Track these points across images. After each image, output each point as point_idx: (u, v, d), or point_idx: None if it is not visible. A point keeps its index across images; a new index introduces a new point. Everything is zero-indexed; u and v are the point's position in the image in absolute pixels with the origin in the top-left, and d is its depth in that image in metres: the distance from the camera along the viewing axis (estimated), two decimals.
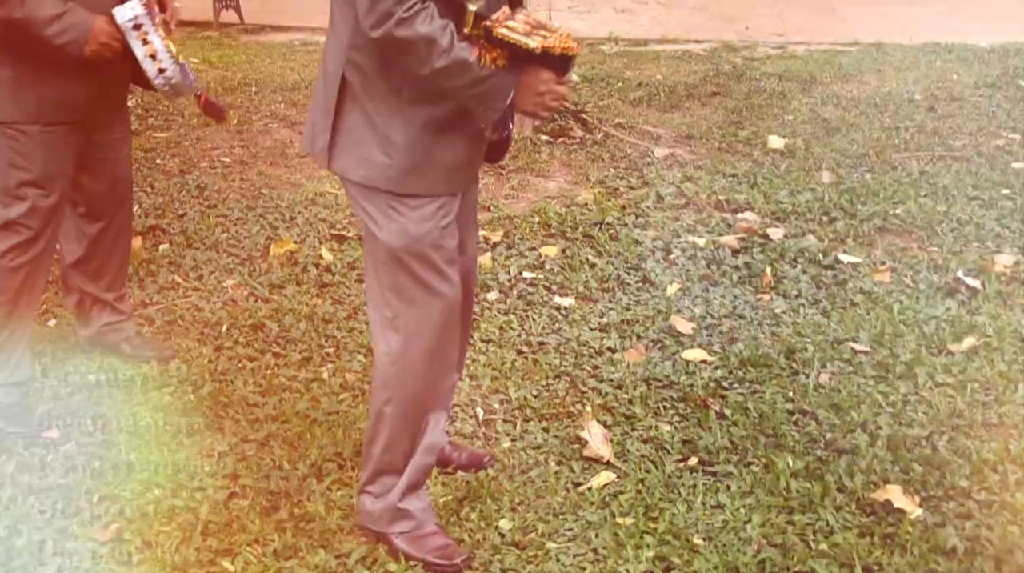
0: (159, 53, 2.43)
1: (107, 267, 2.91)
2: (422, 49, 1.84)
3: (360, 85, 2.00)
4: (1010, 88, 6.45)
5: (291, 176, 4.84)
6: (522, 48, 1.85)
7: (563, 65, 1.91)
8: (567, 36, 1.90)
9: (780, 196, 4.45)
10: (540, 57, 1.87)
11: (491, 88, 1.90)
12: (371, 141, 2.01)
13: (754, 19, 10.66)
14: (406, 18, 1.82)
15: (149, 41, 2.41)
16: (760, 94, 6.55)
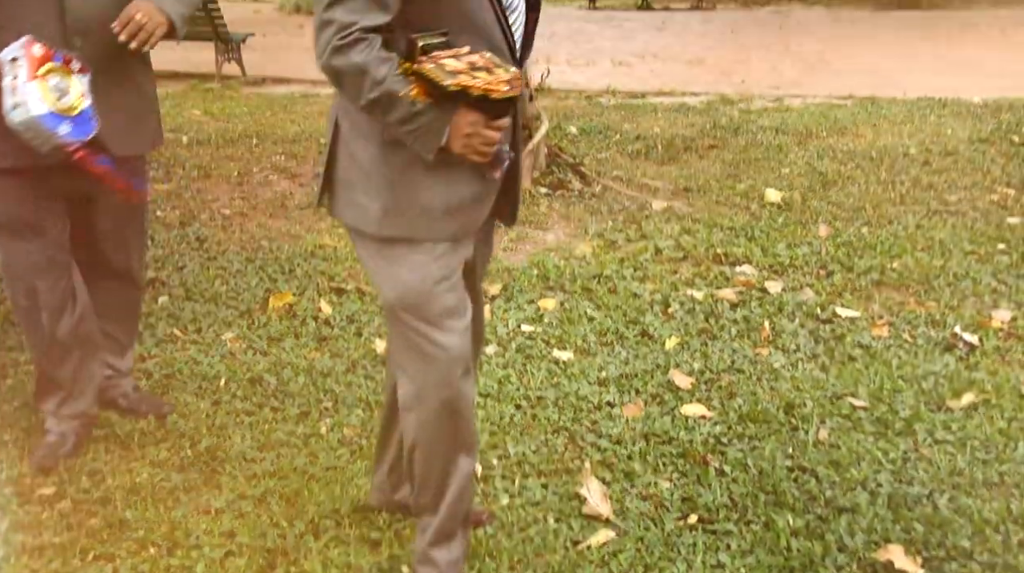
0: (19, 90, 2.32)
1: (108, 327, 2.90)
2: (355, 79, 1.79)
3: (348, 127, 1.97)
4: (1003, 143, 6.52)
5: (291, 228, 4.86)
6: (438, 85, 1.76)
7: (490, 108, 1.80)
8: (501, 79, 1.78)
9: (778, 249, 4.47)
10: (464, 97, 1.77)
11: (423, 125, 1.82)
12: (358, 184, 1.97)
13: (750, 72, 10.81)
14: (341, 46, 1.77)
15: (16, 77, 2.32)
16: (757, 147, 6.61)
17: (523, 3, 1.96)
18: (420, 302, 1.98)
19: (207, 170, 5.93)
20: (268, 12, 18.89)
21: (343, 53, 1.77)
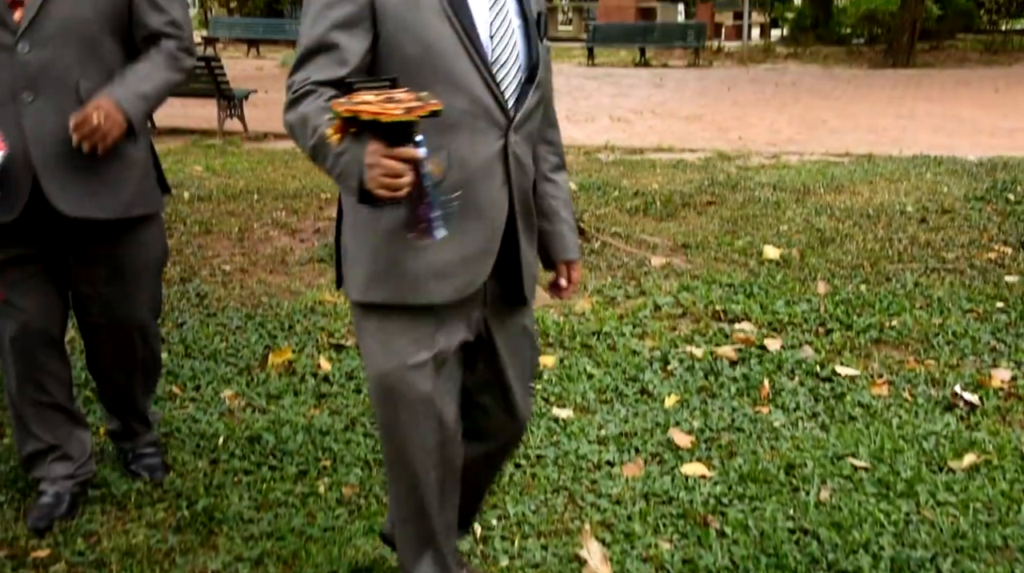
0: None
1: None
2: (299, 129, 1.77)
3: (346, 197, 1.94)
4: (999, 202, 6.57)
5: (291, 284, 4.87)
6: (335, 115, 1.64)
7: (386, 134, 1.61)
8: (403, 105, 1.61)
9: (776, 306, 4.47)
10: (369, 128, 1.62)
11: (343, 166, 1.70)
12: (350, 252, 1.95)
13: (747, 129, 10.91)
14: (293, 100, 1.78)
15: None
16: (755, 203, 6.65)
17: (521, 60, 1.90)
18: (393, 384, 1.91)
19: (208, 226, 5.97)
20: (270, 69, 19.11)
21: (294, 107, 1.79)
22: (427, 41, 1.80)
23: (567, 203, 2.15)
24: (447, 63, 1.81)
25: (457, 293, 1.90)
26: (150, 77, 2.46)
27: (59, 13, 2.35)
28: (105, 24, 2.43)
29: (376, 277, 1.90)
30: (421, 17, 1.80)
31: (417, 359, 1.90)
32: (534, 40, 1.93)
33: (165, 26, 2.50)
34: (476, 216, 1.88)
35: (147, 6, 2.48)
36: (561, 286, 2.18)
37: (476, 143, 1.85)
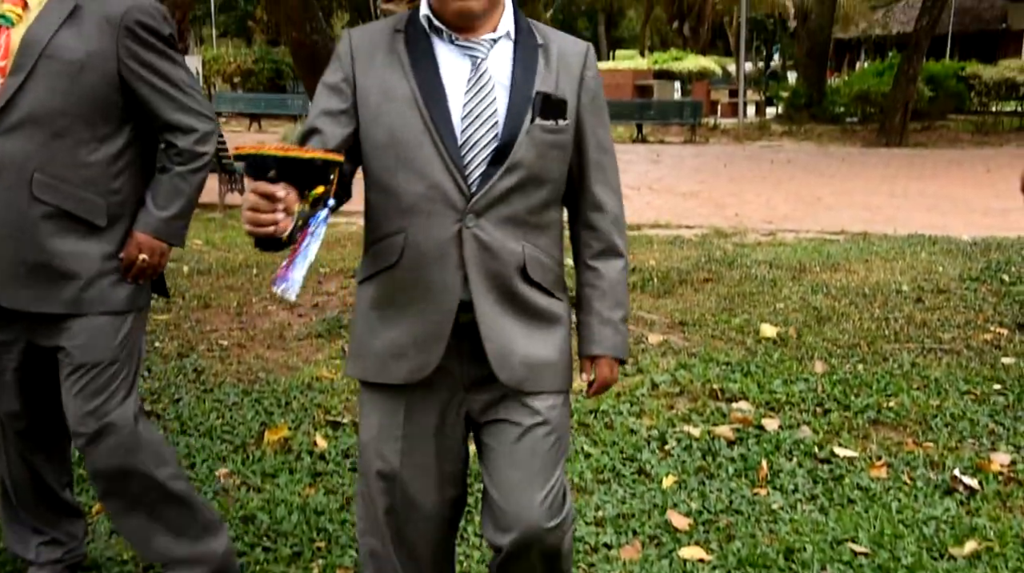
0: None
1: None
2: None
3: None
4: (994, 282, 6.61)
5: (288, 359, 4.87)
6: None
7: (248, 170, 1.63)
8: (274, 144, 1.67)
9: (774, 385, 4.47)
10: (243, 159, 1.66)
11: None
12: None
13: (743, 205, 11.02)
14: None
15: None
16: (751, 281, 6.69)
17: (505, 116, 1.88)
18: (364, 455, 2.03)
19: (207, 300, 5.98)
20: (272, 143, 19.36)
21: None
22: (393, 129, 1.88)
23: (606, 294, 2.02)
24: (410, 151, 1.87)
25: (411, 374, 1.94)
26: (175, 194, 2.42)
27: (29, 104, 2.25)
28: (79, 116, 2.30)
29: (353, 354, 2.03)
30: (392, 107, 1.88)
31: (385, 434, 1.99)
32: (516, 121, 1.87)
33: (175, 114, 2.39)
34: (427, 299, 1.91)
35: (154, 95, 2.37)
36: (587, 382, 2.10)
37: (431, 226, 1.88)
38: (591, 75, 1.97)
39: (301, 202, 1.64)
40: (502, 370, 1.92)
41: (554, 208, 1.99)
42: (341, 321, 5.52)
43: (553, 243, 2.00)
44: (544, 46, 1.94)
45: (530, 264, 1.93)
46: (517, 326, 1.94)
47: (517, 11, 1.96)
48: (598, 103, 2.00)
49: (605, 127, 2.01)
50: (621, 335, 2.04)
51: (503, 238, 1.90)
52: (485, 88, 1.88)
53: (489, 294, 1.91)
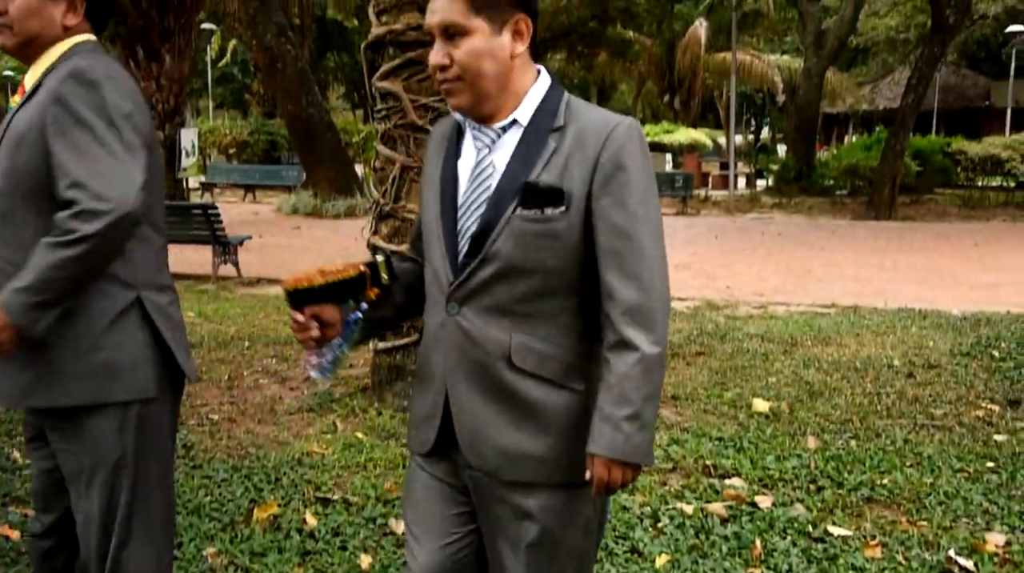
0: None
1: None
2: None
3: None
4: (984, 358, 6.63)
5: (279, 434, 4.84)
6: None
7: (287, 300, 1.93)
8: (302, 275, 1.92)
9: (767, 461, 4.45)
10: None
11: None
12: None
13: (735, 277, 11.08)
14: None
15: None
16: (743, 354, 6.70)
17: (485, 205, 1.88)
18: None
19: (198, 374, 5.94)
20: (266, 214, 19.48)
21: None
22: (425, 214, 2.00)
23: (611, 388, 1.81)
24: (430, 236, 1.97)
25: (420, 446, 2.04)
26: (34, 266, 2.07)
27: None
28: (19, 195, 2.18)
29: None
30: (427, 194, 2.00)
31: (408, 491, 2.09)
32: (497, 211, 1.86)
33: (67, 191, 2.09)
34: (428, 378, 1.99)
35: (57, 168, 2.12)
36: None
37: (432, 310, 1.96)
38: (608, 156, 1.82)
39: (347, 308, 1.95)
40: (473, 456, 1.92)
41: (559, 296, 1.88)
42: (332, 395, 5.50)
43: (561, 331, 1.89)
44: (562, 129, 1.86)
45: (518, 353, 1.88)
46: (499, 414, 1.90)
47: (551, 95, 1.91)
48: (617, 185, 1.82)
49: (627, 210, 1.83)
50: (623, 434, 1.80)
51: (485, 327, 1.89)
52: (482, 177, 1.90)
53: (470, 381, 1.91)
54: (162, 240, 2.36)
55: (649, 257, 1.84)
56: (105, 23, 2.42)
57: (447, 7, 1.82)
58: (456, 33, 1.82)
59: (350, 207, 18.16)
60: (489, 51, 1.83)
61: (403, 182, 5.12)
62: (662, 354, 1.83)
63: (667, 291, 1.86)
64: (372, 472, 4.28)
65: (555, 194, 1.83)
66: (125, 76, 2.23)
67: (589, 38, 37.28)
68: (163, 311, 2.30)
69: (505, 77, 1.86)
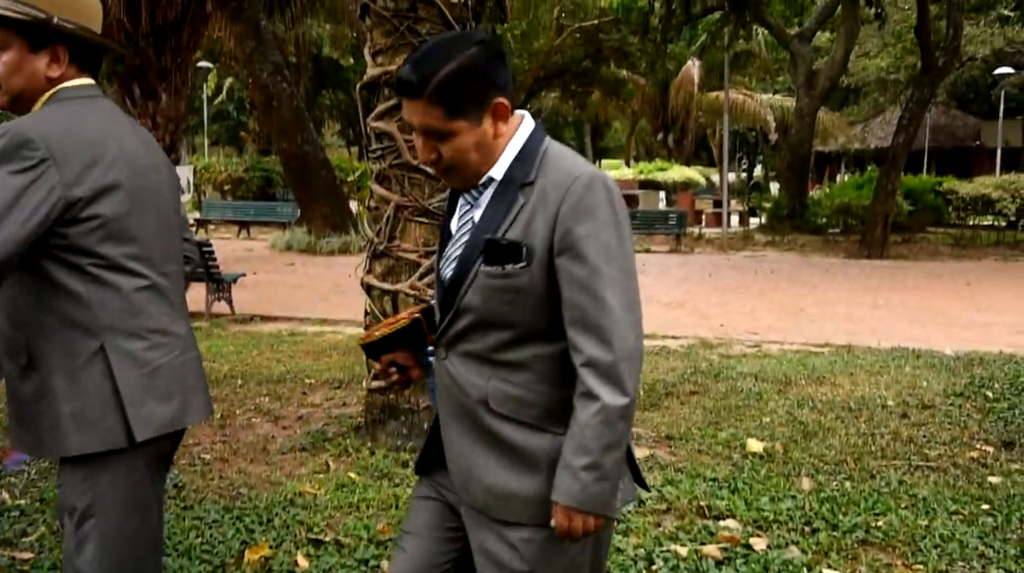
0: None
1: None
2: None
3: None
4: (978, 398, 6.63)
5: (271, 474, 4.81)
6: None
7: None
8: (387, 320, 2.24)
9: (761, 503, 4.43)
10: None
11: None
12: None
13: (728, 316, 11.09)
14: None
15: None
16: (737, 394, 6.69)
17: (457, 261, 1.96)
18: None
19: None
20: (260, 250, 19.48)
21: None
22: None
23: (573, 437, 1.85)
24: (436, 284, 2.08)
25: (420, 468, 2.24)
26: None
27: None
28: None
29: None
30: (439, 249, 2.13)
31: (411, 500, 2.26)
32: (465, 267, 1.93)
33: None
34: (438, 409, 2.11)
35: None
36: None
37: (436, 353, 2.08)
38: (567, 210, 1.84)
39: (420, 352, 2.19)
40: (464, 494, 2.00)
41: (532, 345, 1.92)
42: (326, 434, 5.48)
43: (537, 378, 1.93)
44: (532, 184, 1.89)
45: (495, 399, 1.93)
46: (486, 455, 1.96)
47: (529, 147, 1.94)
48: (577, 236, 1.83)
49: (587, 265, 1.84)
50: (580, 483, 1.83)
51: (467, 372, 1.96)
52: (462, 232, 1.98)
53: (460, 422, 1.99)
54: (145, 282, 2.29)
55: (612, 311, 1.84)
56: (98, 62, 2.41)
57: (424, 113, 1.85)
58: (440, 135, 1.87)
59: (344, 244, 18.19)
60: (474, 144, 1.88)
61: (397, 221, 5.14)
62: (626, 406, 1.83)
63: (634, 342, 1.86)
64: (365, 513, 4.25)
65: (515, 250, 1.86)
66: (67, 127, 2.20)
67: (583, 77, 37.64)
68: (135, 358, 2.25)
69: (490, 153, 1.92)
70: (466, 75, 1.82)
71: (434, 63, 1.82)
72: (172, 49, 10.11)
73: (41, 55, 2.27)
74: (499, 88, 1.87)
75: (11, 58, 2.25)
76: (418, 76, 1.81)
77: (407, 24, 5.02)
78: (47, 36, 2.27)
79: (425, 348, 2.15)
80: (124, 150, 2.28)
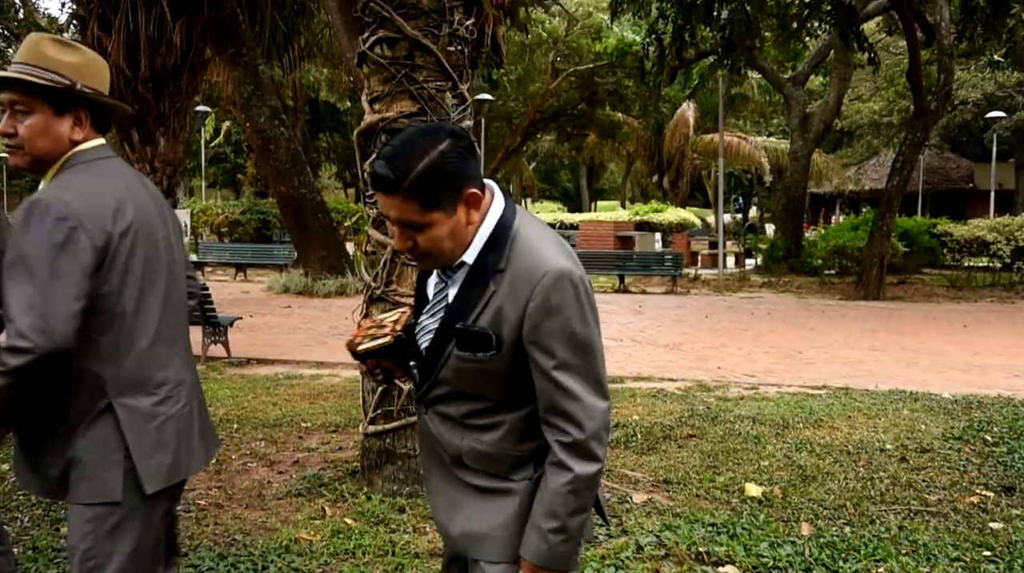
0: None
1: None
2: None
3: None
4: (977, 442, 6.61)
5: (267, 520, 4.77)
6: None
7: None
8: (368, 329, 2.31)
9: (760, 549, 4.40)
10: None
11: None
12: None
13: (725, 358, 11.06)
14: None
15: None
16: (735, 437, 6.66)
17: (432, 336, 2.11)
18: None
19: None
20: (256, 292, 19.48)
21: None
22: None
23: (543, 500, 2.01)
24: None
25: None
26: None
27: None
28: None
29: None
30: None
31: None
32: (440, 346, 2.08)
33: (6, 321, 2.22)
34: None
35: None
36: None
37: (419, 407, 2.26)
38: (535, 306, 1.95)
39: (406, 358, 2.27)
40: (444, 537, 2.22)
41: (503, 412, 2.09)
42: (322, 478, 5.44)
43: (506, 437, 2.10)
44: (503, 271, 1.99)
45: (468, 456, 2.13)
46: (461, 498, 2.17)
47: (498, 232, 2.02)
48: (544, 332, 1.96)
49: (555, 358, 1.97)
50: (547, 544, 2.00)
51: (443, 431, 2.16)
52: (438, 306, 2.12)
53: (439, 470, 2.22)
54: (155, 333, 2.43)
55: (578, 397, 1.98)
56: (108, 122, 2.57)
57: (401, 208, 1.94)
58: (416, 227, 1.96)
59: (341, 286, 18.19)
60: (449, 233, 1.97)
61: (394, 266, 5.15)
62: (596, 472, 2.00)
63: (602, 417, 2.00)
64: (361, 559, 4.21)
65: (485, 340, 2.00)
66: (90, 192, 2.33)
67: (579, 119, 37.98)
68: (143, 415, 2.38)
69: (463, 239, 2.01)
70: (440, 171, 1.91)
71: (408, 160, 1.90)
72: (171, 94, 10.19)
73: (65, 118, 2.42)
74: (470, 178, 1.97)
75: (36, 122, 2.38)
76: (394, 173, 1.90)
77: (404, 72, 5.07)
78: (71, 101, 2.42)
79: (408, 360, 2.27)
80: (138, 209, 2.42)
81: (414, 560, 4.19)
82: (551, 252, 1.99)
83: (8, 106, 2.38)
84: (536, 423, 2.06)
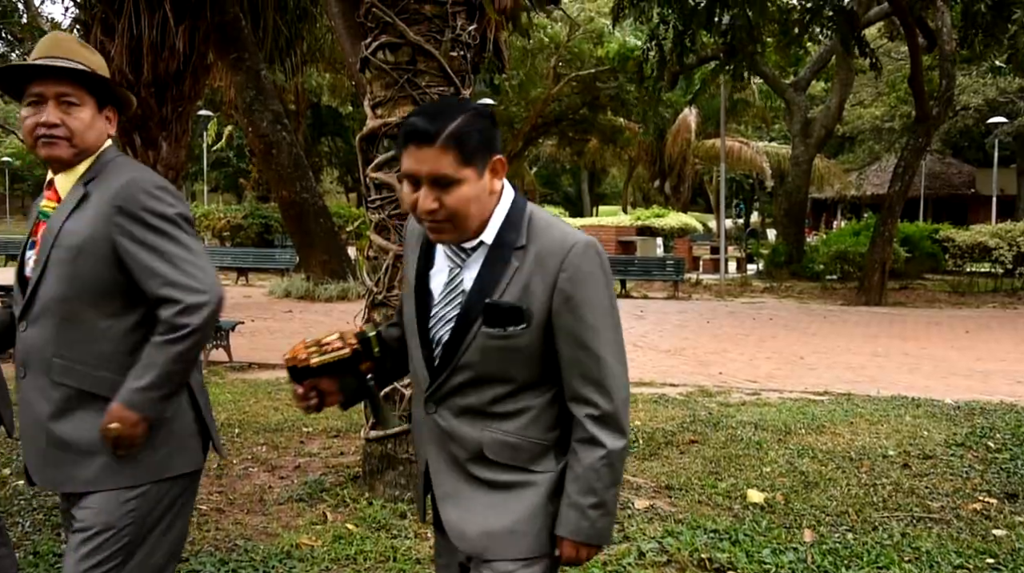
0: None
1: None
2: None
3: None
4: (980, 449, 6.59)
5: (268, 525, 4.76)
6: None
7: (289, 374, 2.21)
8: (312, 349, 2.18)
9: (763, 555, 4.38)
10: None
11: None
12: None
13: (727, 363, 11.06)
14: None
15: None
16: (737, 443, 6.65)
17: (455, 321, 2.05)
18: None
19: None
20: (258, 297, 19.48)
21: None
22: (405, 314, 2.19)
23: (579, 478, 2.04)
24: (411, 336, 2.16)
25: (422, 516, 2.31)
26: (149, 366, 2.33)
27: (44, 294, 2.38)
28: (81, 300, 2.37)
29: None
30: (407, 295, 2.17)
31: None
32: (465, 327, 2.03)
33: (161, 289, 2.34)
34: (419, 460, 2.24)
35: (143, 271, 2.35)
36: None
37: (415, 400, 2.19)
38: (567, 276, 1.99)
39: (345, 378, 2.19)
40: (460, 542, 2.12)
41: (527, 396, 2.08)
42: (323, 484, 5.43)
43: (531, 424, 2.08)
44: (524, 248, 2.01)
45: (491, 449, 2.08)
46: (478, 498, 2.10)
47: (514, 213, 2.05)
48: (577, 301, 2.00)
49: (586, 324, 2.02)
50: (588, 521, 2.04)
51: (459, 425, 2.09)
52: (454, 293, 2.07)
53: (450, 472, 2.13)
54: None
55: (609, 366, 2.04)
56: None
57: (436, 160, 1.93)
58: (447, 183, 1.94)
59: (342, 291, 18.20)
60: (476, 195, 1.98)
61: (396, 271, 5.15)
62: (625, 446, 2.07)
63: (627, 392, 2.07)
64: (363, 565, 4.20)
65: (516, 313, 2.00)
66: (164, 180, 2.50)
67: (580, 124, 37.99)
68: (201, 389, 2.56)
69: (485, 209, 2.01)
70: (475, 127, 1.94)
71: (445, 115, 1.93)
72: (173, 99, 10.19)
73: (102, 115, 2.50)
74: (497, 146, 2.01)
75: (88, 115, 2.45)
76: (433, 125, 1.91)
77: (407, 77, 5.07)
78: (108, 97, 2.50)
79: (355, 375, 2.20)
80: None
81: (415, 566, 4.18)
82: (568, 229, 2.05)
83: (54, 98, 2.39)
84: (560, 411, 2.08)
